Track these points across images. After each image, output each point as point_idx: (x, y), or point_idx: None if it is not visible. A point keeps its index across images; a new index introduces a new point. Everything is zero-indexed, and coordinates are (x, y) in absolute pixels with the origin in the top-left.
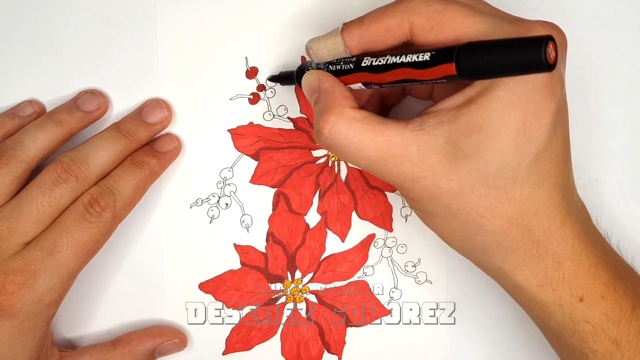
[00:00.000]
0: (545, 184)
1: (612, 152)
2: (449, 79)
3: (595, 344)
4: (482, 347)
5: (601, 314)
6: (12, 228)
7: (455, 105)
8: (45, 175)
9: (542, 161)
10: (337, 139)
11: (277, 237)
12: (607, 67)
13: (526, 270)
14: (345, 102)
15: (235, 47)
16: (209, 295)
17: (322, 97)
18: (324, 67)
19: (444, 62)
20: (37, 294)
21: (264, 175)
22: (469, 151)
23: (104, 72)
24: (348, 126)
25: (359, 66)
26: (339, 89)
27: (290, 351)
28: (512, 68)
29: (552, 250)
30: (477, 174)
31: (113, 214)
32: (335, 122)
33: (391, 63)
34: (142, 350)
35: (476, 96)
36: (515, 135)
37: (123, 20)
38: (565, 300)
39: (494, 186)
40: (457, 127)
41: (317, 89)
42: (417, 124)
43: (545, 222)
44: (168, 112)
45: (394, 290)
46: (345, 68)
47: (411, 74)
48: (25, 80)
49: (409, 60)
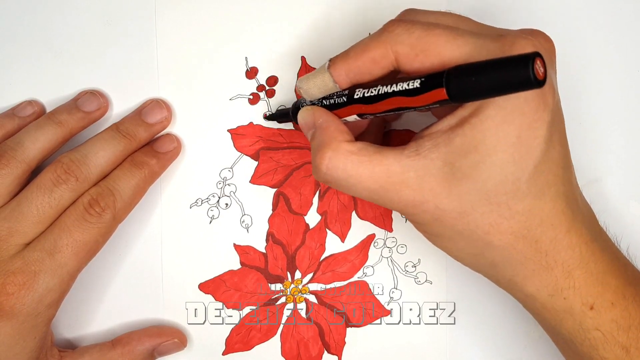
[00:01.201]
0: (547, 194)
1: (611, 152)
2: (442, 103)
3: (605, 351)
4: (482, 347)
5: (611, 321)
6: (12, 229)
7: (449, 126)
8: (45, 175)
9: (541, 172)
10: (336, 173)
11: (277, 237)
12: (605, 67)
13: (537, 281)
14: (340, 136)
15: (235, 47)
16: (208, 295)
17: (318, 133)
18: (318, 102)
19: (434, 88)
20: (37, 294)
21: (263, 176)
22: (467, 171)
23: (104, 72)
24: (345, 160)
25: (352, 98)
26: (334, 124)
27: (290, 351)
28: (503, 88)
29: (561, 259)
30: (478, 193)
31: (113, 215)
32: (331, 157)
33: (383, 93)
34: (141, 350)
35: (469, 116)
36: (511, 149)
37: (123, 20)
38: (576, 308)
39: (495, 202)
40: (453, 149)
41: (313, 125)
42: (414, 149)
43: (551, 231)
44: (168, 112)
45: (394, 291)
46: (338, 102)
47: (404, 102)
48: (25, 80)
49: (399, 89)
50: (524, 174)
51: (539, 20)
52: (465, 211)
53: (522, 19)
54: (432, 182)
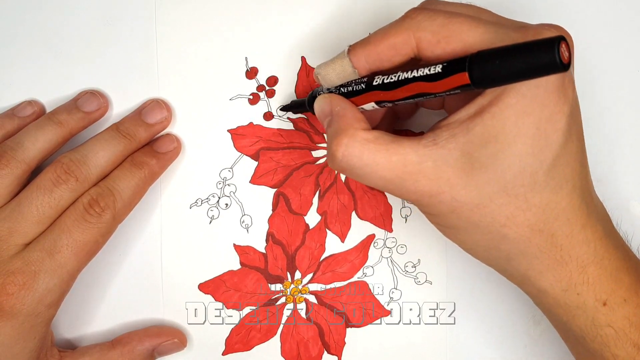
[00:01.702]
0: (564, 188)
1: (612, 153)
2: (463, 89)
3: (616, 348)
4: (482, 347)
5: (623, 318)
6: (12, 229)
7: (468, 116)
8: (45, 176)
9: (559, 165)
10: (351, 161)
11: (277, 237)
12: (607, 68)
13: (550, 276)
14: (357, 124)
15: (235, 47)
16: (208, 295)
17: (334, 121)
18: (335, 90)
19: (456, 72)
20: (37, 294)
21: (263, 176)
22: (485, 161)
23: (104, 72)
24: (361, 148)
25: (371, 85)
26: (351, 112)
27: (290, 352)
28: (527, 72)
29: (576, 254)
30: (496, 184)
31: (113, 215)
32: (347, 144)
33: (403, 79)
34: (141, 350)
35: (488, 105)
36: (530, 141)
37: (123, 20)
38: (589, 304)
39: (513, 194)
40: (472, 138)
41: (329, 113)
42: (431, 139)
43: (567, 226)
44: (168, 113)
45: (393, 291)
46: (356, 89)
47: (424, 88)
48: (25, 80)
49: (420, 74)
50: (543, 166)
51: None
52: (482, 203)
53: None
54: (450, 172)
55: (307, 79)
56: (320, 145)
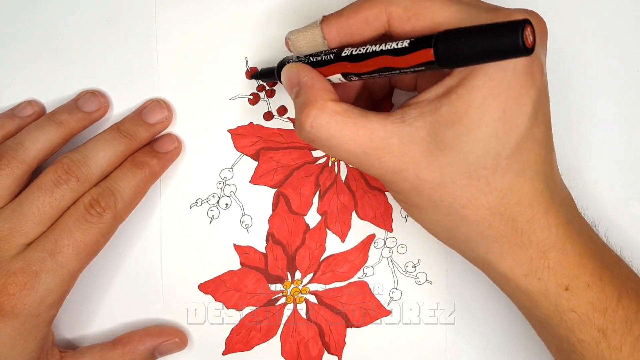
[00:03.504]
0: (527, 173)
1: (611, 152)
2: (428, 66)
3: (581, 333)
4: (482, 347)
5: (587, 303)
6: (13, 229)
7: (436, 95)
8: (46, 176)
9: (523, 150)
10: (319, 132)
11: (277, 237)
12: (606, 67)
13: (510, 260)
14: (325, 95)
15: (235, 47)
16: (208, 295)
17: (303, 91)
18: (304, 59)
19: (422, 48)
20: (39, 295)
21: (264, 176)
22: (450, 142)
23: (104, 72)
24: (329, 120)
25: (339, 56)
26: (320, 82)
27: (290, 352)
28: (490, 54)
29: (536, 239)
30: (459, 165)
31: (114, 215)
32: (316, 116)
33: (370, 52)
34: (142, 350)
35: (455, 86)
36: (495, 124)
37: (123, 20)
38: (550, 289)
39: (475, 176)
40: (438, 118)
41: (297, 83)
42: (399, 116)
43: (529, 211)
44: (168, 112)
45: (394, 291)
46: (325, 59)
47: (390, 62)
48: (25, 80)
49: (387, 48)
50: (506, 150)
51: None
52: (444, 182)
53: None
54: (415, 150)
55: None
56: None
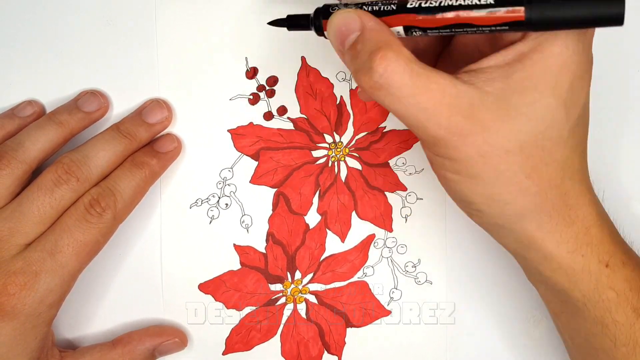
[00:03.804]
0: (578, 148)
1: (611, 153)
2: (512, 27)
3: (617, 313)
4: (482, 347)
5: (624, 281)
6: (13, 229)
7: (505, 62)
8: (46, 176)
9: (580, 125)
10: (392, 79)
11: (277, 237)
12: (606, 67)
13: (558, 236)
14: (397, 41)
15: (235, 47)
16: (208, 295)
17: (369, 36)
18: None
19: (511, 6)
20: (39, 295)
21: (263, 176)
22: (521, 109)
23: (104, 72)
24: (405, 66)
25: (404, 7)
26: (388, 29)
27: (290, 352)
28: (588, 20)
29: (582, 214)
30: (528, 133)
31: (114, 215)
32: (392, 59)
33: (446, 5)
34: (142, 350)
35: (530, 52)
36: (565, 95)
37: (123, 20)
38: (593, 266)
39: (541, 146)
40: (511, 84)
41: (357, 29)
42: (467, 79)
43: (577, 186)
44: (168, 112)
45: (394, 291)
46: (385, 9)
47: (469, 18)
48: (25, 80)
49: (468, 3)
50: (569, 122)
51: None
52: (512, 150)
53: None
54: (485, 114)
55: (307, 79)
56: (320, 145)
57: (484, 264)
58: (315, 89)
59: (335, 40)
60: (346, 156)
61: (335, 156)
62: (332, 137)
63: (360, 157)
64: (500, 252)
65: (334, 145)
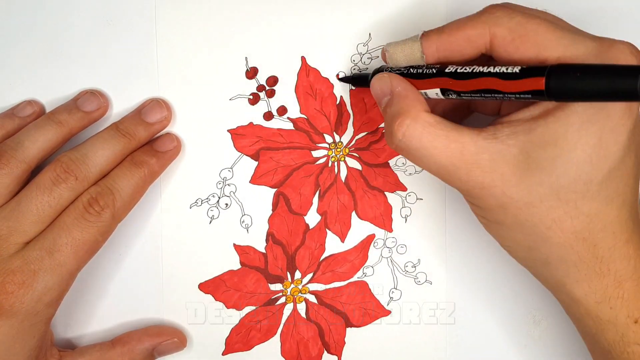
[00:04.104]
0: (614, 201)
1: None
2: (534, 95)
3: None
4: (482, 347)
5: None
6: (12, 228)
7: (532, 116)
8: (45, 175)
9: (613, 178)
10: (410, 142)
11: (277, 237)
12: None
13: (586, 286)
14: (419, 105)
15: (235, 47)
16: (208, 295)
17: (396, 100)
18: (404, 70)
19: (533, 76)
20: (37, 293)
21: (263, 176)
22: (542, 163)
23: (104, 72)
24: (422, 131)
25: (442, 72)
26: (413, 93)
27: (290, 351)
28: (604, 94)
29: (615, 268)
30: (549, 186)
31: (112, 214)
32: (409, 125)
33: (478, 72)
34: (141, 350)
35: (553, 109)
36: (590, 150)
37: (123, 20)
38: (620, 319)
39: (564, 199)
40: (532, 138)
41: (389, 92)
42: (491, 133)
43: (611, 239)
44: (168, 112)
45: (393, 291)
46: (427, 72)
47: (497, 84)
48: (25, 80)
49: (496, 71)
50: (598, 176)
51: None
52: (531, 202)
53: None
54: (505, 168)
55: (307, 78)
56: (320, 145)
57: (484, 264)
58: (315, 89)
59: (376, 100)
60: (346, 156)
61: (335, 156)
62: (332, 137)
63: (360, 157)
64: (501, 253)
65: (333, 145)
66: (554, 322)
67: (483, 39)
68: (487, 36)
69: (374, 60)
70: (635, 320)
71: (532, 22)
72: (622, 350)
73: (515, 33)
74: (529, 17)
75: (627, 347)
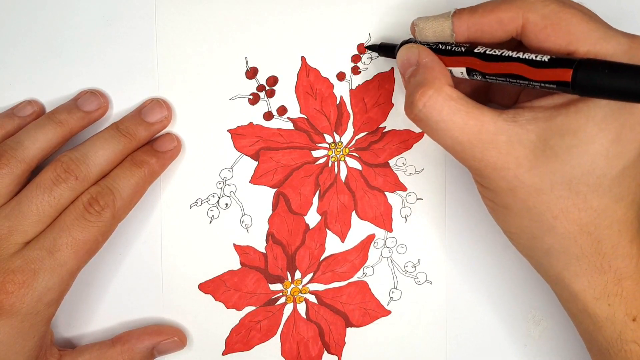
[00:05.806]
0: (624, 199)
1: None
2: (560, 86)
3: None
4: (482, 347)
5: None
6: (12, 227)
7: (554, 104)
8: (45, 174)
9: (626, 176)
10: (430, 114)
11: (277, 237)
12: None
13: (585, 281)
14: (444, 79)
15: (235, 47)
16: (208, 295)
17: (421, 71)
18: (433, 45)
19: (561, 67)
20: (37, 293)
21: (263, 176)
22: (558, 151)
23: (104, 72)
24: (443, 103)
25: (471, 51)
26: (439, 66)
27: (290, 351)
28: (630, 95)
29: (616, 265)
30: (562, 176)
31: (112, 214)
32: (431, 96)
33: (507, 55)
34: (141, 349)
35: (577, 99)
36: (608, 145)
37: (123, 20)
38: (618, 317)
39: (575, 191)
40: (552, 126)
41: (415, 63)
42: (511, 115)
43: (616, 236)
44: (168, 112)
45: (393, 291)
46: (455, 50)
47: (523, 71)
48: (25, 80)
49: (525, 57)
50: (611, 172)
51: None
52: (542, 189)
53: None
54: (520, 151)
55: (307, 78)
56: (320, 145)
57: (484, 264)
58: (315, 89)
59: (399, 69)
60: (346, 156)
61: (335, 156)
62: (332, 137)
63: (360, 157)
64: (500, 253)
65: (334, 145)
66: (553, 321)
67: (515, 23)
68: (520, 20)
69: (374, 60)
70: (634, 318)
71: (566, 12)
72: (619, 348)
73: (548, 20)
74: (563, 6)
75: (625, 345)
